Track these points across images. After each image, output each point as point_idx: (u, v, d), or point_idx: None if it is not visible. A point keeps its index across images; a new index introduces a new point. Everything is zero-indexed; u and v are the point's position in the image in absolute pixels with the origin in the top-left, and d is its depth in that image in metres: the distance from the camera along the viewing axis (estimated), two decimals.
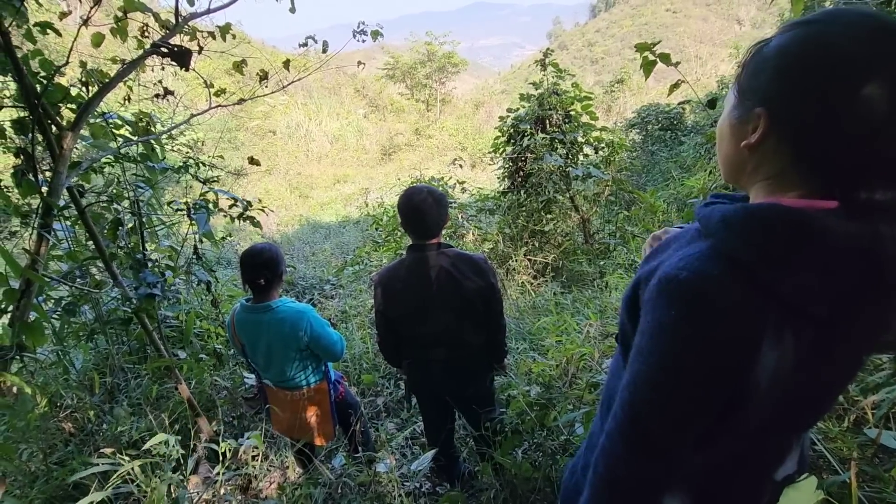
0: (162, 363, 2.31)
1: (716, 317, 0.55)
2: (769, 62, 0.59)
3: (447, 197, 1.87)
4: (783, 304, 0.55)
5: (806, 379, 0.59)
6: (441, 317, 1.84)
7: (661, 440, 0.62)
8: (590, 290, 3.90)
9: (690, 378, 0.58)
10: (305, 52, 3.50)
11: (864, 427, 1.22)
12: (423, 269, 1.81)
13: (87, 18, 2.05)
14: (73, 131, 1.97)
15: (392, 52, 26.72)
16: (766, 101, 0.59)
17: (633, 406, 0.63)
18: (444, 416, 2.13)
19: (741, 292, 0.55)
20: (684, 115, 10.20)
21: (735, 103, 0.65)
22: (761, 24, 60.81)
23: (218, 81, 2.87)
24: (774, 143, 0.59)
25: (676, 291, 0.58)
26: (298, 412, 2.15)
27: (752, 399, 0.58)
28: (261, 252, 2.00)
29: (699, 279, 0.56)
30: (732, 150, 0.66)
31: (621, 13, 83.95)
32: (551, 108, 4.93)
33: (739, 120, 0.64)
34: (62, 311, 2.50)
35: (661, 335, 0.59)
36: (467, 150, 19.97)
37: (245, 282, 2.01)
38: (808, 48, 0.55)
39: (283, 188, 17.89)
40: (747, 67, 0.63)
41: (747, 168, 0.65)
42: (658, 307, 0.60)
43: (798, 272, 0.53)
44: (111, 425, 2.36)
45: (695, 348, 0.57)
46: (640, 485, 0.65)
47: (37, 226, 1.89)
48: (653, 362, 0.61)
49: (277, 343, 2.01)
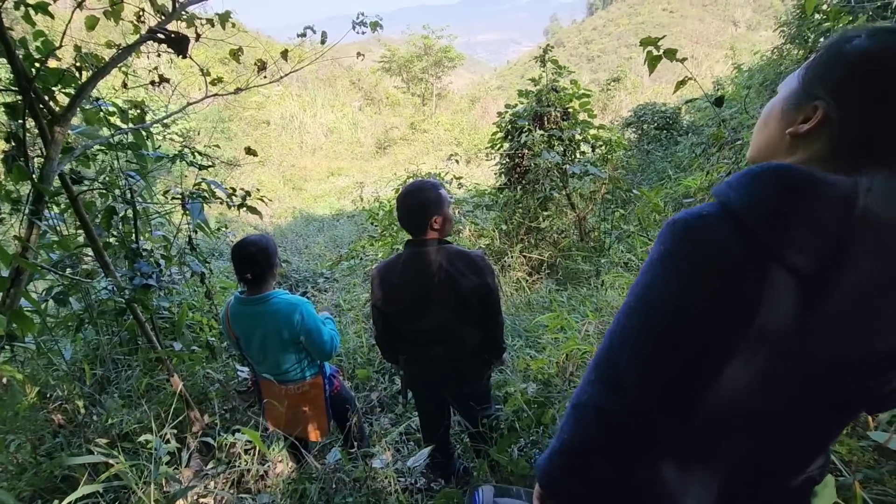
0: (156, 354, 2.27)
1: (699, 250, 0.59)
2: (852, 62, 0.59)
3: (448, 193, 1.86)
4: (770, 253, 0.57)
5: (798, 345, 0.59)
6: (438, 313, 1.82)
7: (627, 374, 0.64)
8: (585, 287, 3.91)
9: (663, 309, 0.62)
10: (301, 43, 3.46)
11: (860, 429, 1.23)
12: (420, 265, 1.79)
13: (81, 1, 2.00)
14: (65, 117, 1.93)
15: (388, 45, 26.53)
16: (836, 95, 0.60)
17: (611, 335, 0.67)
18: (441, 412, 2.12)
19: (728, 233, 0.58)
20: (680, 114, 10.23)
21: (795, 90, 0.65)
22: (756, 25, 61.11)
23: (212, 70, 2.81)
24: (821, 135, 0.61)
25: (670, 230, 0.63)
26: (293, 406, 2.12)
27: (727, 354, 0.60)
28: (252, 244, 1.97)
29: (692, 218, 0.61)
30: (776, 134, 0.67)
31: (618, 11, 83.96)
32: (550, 104, 4.91)
33: (795, 107, 0.65)
34: (52, 301, 2.45)
35: (649, 268, 0.64)
36: (462, 146, 19.90)
37: (238, 276, 1.98)
38: (893, 60, 0.56)
39: (276, 180, 17.73)
40: (821, 61, 0.63)
41: (781, 154, 0.67)
42: (655, 246, 0.64)
43: (781, 220, 0.56)
44: (102, 417, 2.33)
45: (672, 279, 0.61)
46: (598, 416, 0.66)
47: (27, 213, 1.85)
48: (634, 292, 0.65)
49: (272, 335, 1.99)
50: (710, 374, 0.62)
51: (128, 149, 2.39)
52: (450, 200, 1.87)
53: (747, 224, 0.58)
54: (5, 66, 1.80)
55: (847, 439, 1.14)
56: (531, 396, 1.94)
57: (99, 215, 2.40)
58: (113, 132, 2.29)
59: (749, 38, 47.03)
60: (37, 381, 2.40)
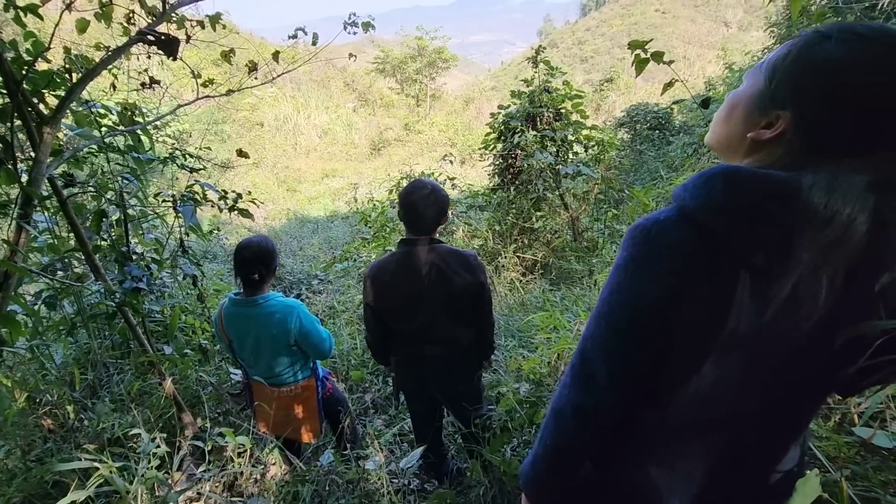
0: (147, 358, 2.26)
1: (657, 254, 0.62)
2: (820, 73, 0.58)
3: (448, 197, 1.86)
4: (724, 250, 0.58)
5: (761, 338, 0.60)
6: (430, 312, 1.83)
7: (601, 374, 0.66)
8: (578, 287, 3.92)
9: (628, 310, 0.64)
10: (294, 45, 3.48)
11: (846, 426, 1.24)
12: (413, 264, 1.80)
13: (70, 2, 1.99)
14: (54, 119, 1.91)
15: (382, 46, 26.55)
16: (800, 108, 0.60)
17: (584, 339, 0.69)
18: (432, 413, 2.12)
19: (683, 235, 0.60)
20: (672, 115, 10.30)
21: (762, 91, 0.64)
22: (748, 26, 61.57)
23: (205, 72, 2.80)
24: (781, 143, 0.62)
25: (631, 235, 0.65)
26: (285, 409, 2.12)
27: (692, 350, 0.62)
28: (257, 245, 1.97)
29: (650, 224, 0.64)
30: (737, 133, 0.68)
31: (611, 12, 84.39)
32: (542, 105, 4.92)
33: (760, 110, 0.64)
34: (42, 305, 2.44)
35: (613, 273, 0.66)
36: (457, 147, 19.92)
37: (239, 275, 1.97)
38: (864, 80, 0.55)
39: (270, 182, 17.68)
40: (791, 62, 0.61)
41: (741, 152, 0.68)
42: (620, 252, 0.67)
43: (730, 218, 0.58)
44: (93, 422, 2.31)
45: (635, 282, 0.63)
46: (576, 416, 0.69)
47: (16, 216, 1.84)
48: (602, 297, 0.67)
49: (266, 338, 1.98)
50: (684, 372, 0.64)
51: (123, 152, 2.38)
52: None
53: (701, 224, 0.60)
54: None
55: (833, 435, 1.15)
56: (523, 396, 1.95)
57: (90, 218, 2.39)
58: (104, 134, 2.27)
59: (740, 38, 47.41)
60: (27, 386, 2.38)
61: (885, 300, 0.61)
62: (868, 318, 0.61)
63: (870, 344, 0.63)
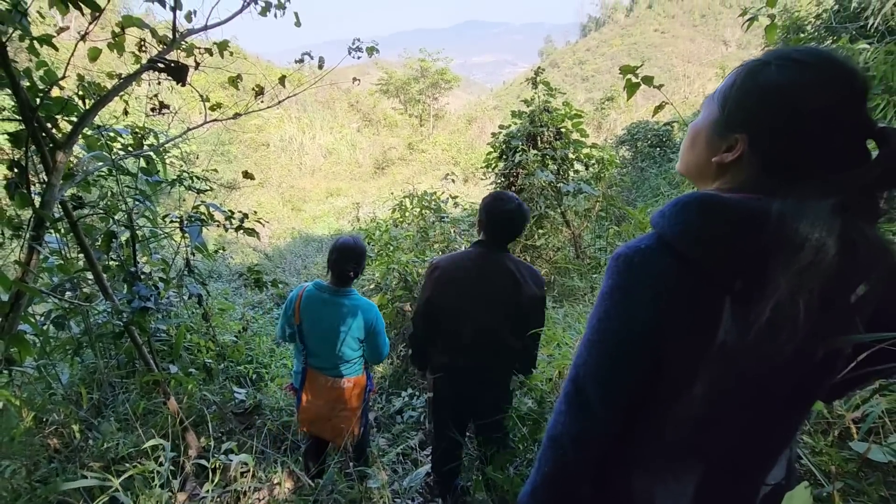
0: (153, 377, 2.28)
1: (640, 282, 0.64)
2: (766, 97, 0.63)
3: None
4: (703, 275, 0.61)
5: (744, 358, 0.63)
6: (493, 317, 1.85)
7: (594, 400, 0.68)
8: (581, 304, 3.93)
9: (616, 337, 0.66)
10: (300, 68, 3.58)
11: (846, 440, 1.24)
12: (490, 267, 1.84)
13: (85, 34, 2.07)
14: (67, 144, 1.98)
15: (386, 68, 27.02)
16: (753, 130, 0.65)
17: (576, 367, 0.70)
18: (462, 426, 2.12)
19: (664, 262, 0.63)
20: (672, 132, 10.39)
21: (717, 119, 0.69)
22: (746, 45, 62.34)
23: (212, 95, 2.89)
24: (743, 164, 0.66)
25: (613, 264, 0.68)
26: (333, 403, 2.18)
27: (681, 373, 0.64)
28: (355, 244, 2.12)
29: (631, 252, 0.66)
30: (703, 160, 0.72)
31: (611, 32, 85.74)
32: (542, 125, 5.00)
33: (719, 136, 0.69)
34: (51, 325, 2.47)
35: (599, 301, 0.69)
36: (460, 165, 20.12)
37: (335, 269, 2.12)
38: (803, 99, 0.61)
39: (275, 201, 17.87)
40: (739, 90, 0.67)
41: (709, 176, 0.72)
42: (604, 280, 0.69)
43: (707, 244, 0.61)
44: (97, 441, 2.32)
45: (620, 310, 0.66)
46: (573, 443, 0.70)
47: (28, 238, 1.89)
48: (591, 325, 0.69)
49: (341, 328, 2.09)
50: (675, 393, 0.66)
51: (133, 174, 2.45)
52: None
53: (680, 251, 0.63)
54: (9, 94, 1.86)
55: (828, 448, 1.16)
56: (525, 413, 1.95)
57: (99, 238, 2.44)
58: (116, 157, 2.34)
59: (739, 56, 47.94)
60: (34, 406, 2.40)
61: (861, 312, 0.64)
62: (846, 332, 0.63)
63: (850, 355, 0.65)
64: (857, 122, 0.61)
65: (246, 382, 3.35)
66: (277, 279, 3.40)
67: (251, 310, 6.08)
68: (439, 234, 4.93)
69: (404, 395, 3.30)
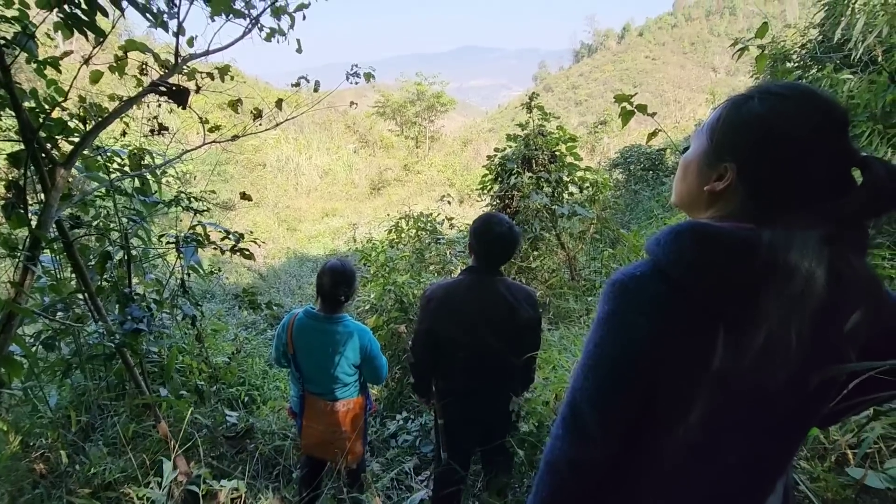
0: (144, 400, 2.25)
1: (635, 308, 0.65)
2: (750, 127, 0.67)
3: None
4: (697, 303, 0.63)
5: (739, 386, 0.64)
6: (492, 342, 1.84)
7: (592, 424, 0.68)
8: (576, 326, 3.92)
9: (613, 363, 0.67)
10: (297, 91, 3.64)
11: (845, 466, 1.24)
12: (483, 292, 1.84)
13: (88, 58, 2.10)
14: (66, 166, 1.99)
15: (383, 91, 27.41)
16: (739, 159, 0.67)
17: (572, 391, 0.71)
18: (472, 448, 2.11)
19: (659, 289, 0.64)
20: (665, 156, 10.57)
21: (707, 150, 0.73)
22: (735, 72, 63.94)
23: (210, 116, 2.92)
24: (733, 192, 0.68)
25: (610, 290, 0.69)
26: (335, 426, 2.15)
27: (677, 399, 0.65)
28: (343, 268, 2.10)
29: (627, 279, 0.68)
30: (695, 190, 0.75)
31: (603, 59, 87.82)
32: (537, 148, 5.08)
33: (709, 166, 0.72)
34: (41, 345, 2.43)
35: (596, 327, 0.70)
36: (455, 186, 20.28)
37: (325, 295, 2.09)
38: (785, 128, 0.64)
39: (271, 221, 17.87)
40: (724, 122, 0.70)
41: (701, 206, 0.74)
42: (599, 306, 0.70)
43: (698, 268, 0.63)
44: (84, 466, 2.27)
45: (616, 335, 0.67)
46: (571, 468, 0.71)
47: (23, 258, 1.88)
48: (587, 351, 0.70)
49: (335, 354, 2.07)
50: (671, 418, 0.67)
51: (129, 195, 2.45)
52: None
53: (674, 278, 0.64)
54: (10, 115, 1.88)
55: (825, 474, 1.15)
56: (523, 436, 1.93)
57: (93, 259, 2.43)
58: (113, 178, 2.34)
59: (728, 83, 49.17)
60: (20, 430, 2.35)
61: (853, 341, 0.65)
62: (838, 361, 0.65)
63: (843, 383, 0.66)
64: (838, 150, 0.63)
65: (238, 405, 3.30)
66: (272, 301, 3.38)
67: (244, 330, 6.01)
68: (435, 256, 4.94)
69: (399, 418, 3.25)
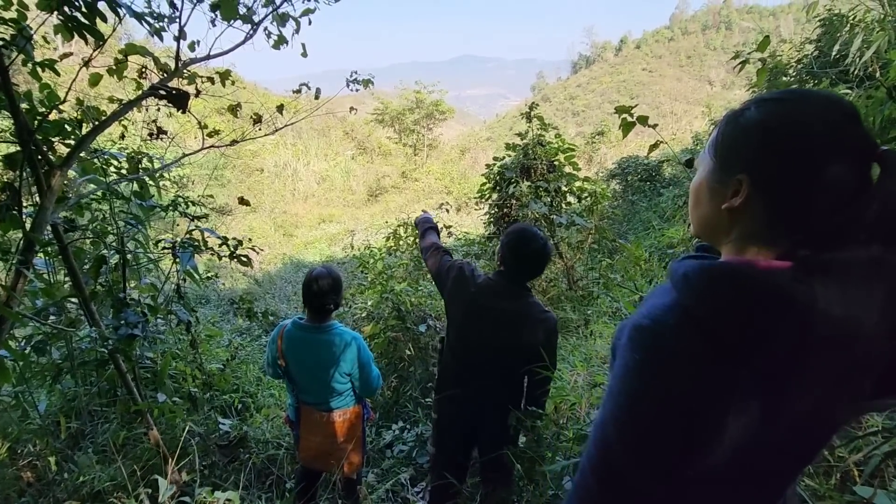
0: (137, 407, 2.21)
1: (670, 363, 0.61)
2: (751, 134, 0.65)
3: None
4: (732, 355, 0.59)
5: (766, 432, 0.62)
6: (500, 348, 1.81)
7: (631, 478, 0.65)
8: (574, 337, 3.91)
9: (652, 418, 0.63)
10: (297, 97, 3.66)
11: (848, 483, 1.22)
12: (504, 299, 1.79)
13: (87, 61, 2.09)
14: (63, 168, 1.96)
15: (382, 99, 27.49)
16: (749, 168, 0.65)
17: (606, 444, 0.67)
18: (464, 466, 2.07)
19: (694, 342, 0.60)
20: (662, 167, 10.63)
21: (713, 167, 0.70)
22: (731, 85, 64.68)
23: (209, 120, 2.92)
24: (753, 206, 0.65)
25: (640, 338, 0.64)
26: (332, 436, 2.12)
27: (710, 443, 0.62)
28: (329, 276, 2.06)
29: (658, 327, 0.63)
30: (711, 212, 0.71)
31: (601, 70, 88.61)
32: (536, 157, 5.09)
33: (719, 183, 0.69)
34: (31, 350, 2.39)
35: (628, 377, 0.65)
36: (453, 194, 20.30)
37: (311, 305, 2.05)
38: (788, 126, 0.62)
39: (267, 226, 17.82)
40: (725, 136, 0.69)
41: (723, 228, 0.70)
42: (626, 351, 0.65)
43: (740, 326, 0.59)
44: (73, 475, 2.22)
45: (654, 390, 0.62)
46: None
47: (16, 261, 1.85)
48: (621, 403, 0.65)
49: (326, 364, 2.03)
50: (703, 458, 0.64)
51: (127, 199, 2.42)
52: None
53: (711, 330, 0.60)
54: (6, 116, 1.85)
55: (830, 492, 1.14)
56: (521, 450, 1.90)
57: (88, 262, 2.39)
58: (110, 181, 2.32)
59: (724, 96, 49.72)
60: (8, 436, 2.30)
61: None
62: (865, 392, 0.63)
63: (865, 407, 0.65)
64: (855, 140, 0.60)
65: (231, 412, 3.25)
66: (269, 309, 3.35)
67: (239, 336, 5.96)
68: None
69: (395, 427, 3.21)
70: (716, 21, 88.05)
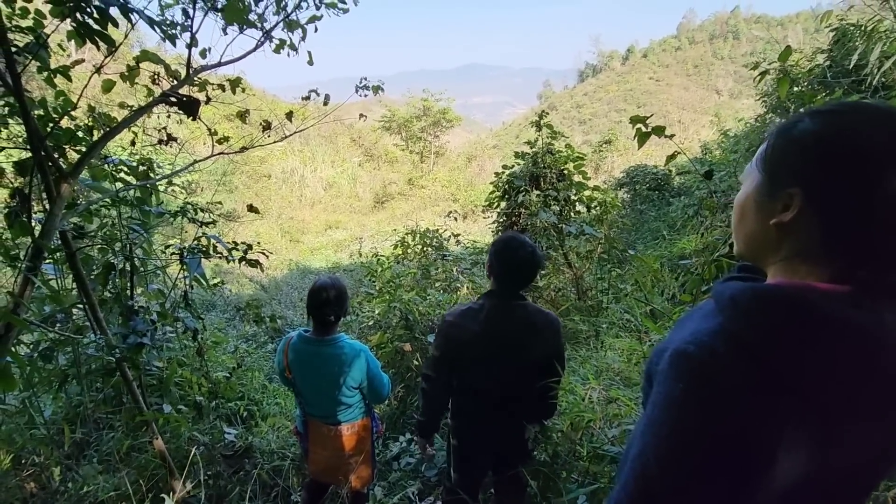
0: (143, 417, 2.18)
1: (719, 395, 0.56)
2: (806, 146, 0.61)
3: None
4: (787, 385, 0.55)
5: (818, 467, 0.57)
6: (512, 370, 1.77)
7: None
8: (585, 348, 3.84)
9: (698, 453, 0.58)
10: (306, 104, 3.65)
11: None
12: (501, 320, 1.75)
13: (99, 67, 2.08)
14: (73, 175, 1.95)
15: (389, 106, 27.64)
16: (803, 182, 0.60)
17: (645, 478, 0.62)
18: (483, 476, 2.04)
19: (745, 372, 0.56)
20: (671, 176, 10.56)
21: (762, 181, 0.66)
22: (738, 94, 64.54)
23: (217, 126, 2.90)
24: (805, 222, 0.61)
25: (684, 366, 0.59)
26: (340, 450, 2.08)
27: (760, 480, 0.57)
28: (333, 287, 2.02)
29: (706, 355, 0.58)
30: (759, 227, 0.67)
31: (608, 79, 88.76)
32: (545, 166, 5.07)
33: (768, 198, 0.65)
34: (37, 357, 2.37)
35: (670, 408, 0.60)
36: (459, 202, 20.30)
37: (315, 316, 2.02)
38: (846, 138, 0.58)
39: (274, 232, 17.88)
40: (776, 148, 0.65)
41: (771, 246, 0.66)
42: (668, 379, 0.61)
43: (798, 356, 0.54)
44: (77, 484, 2.19)
45: (701, 423, 0.58)
46: None
47: (24, 268, 1.83)
48: (663, 435, 0.61)
49: (333, 377, 2.00)
50: (746, 495, 0.60)
51: (133, 205, 2.41)
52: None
53: (764, 359, 0.56)
54: (18, 122, 1.85)
55: None
56: (538, 467, 1.85)
57: (96, 269, 2.38)
58: (118, 188, 2.31)
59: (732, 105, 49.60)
60: (13, 444, 2.27)
61: None
62: None
63: None
64: None
65: (236, 420, 3.22)
66: (276, 314, 3.32)
67: (245, 342, 5.94)
68: (441, 273, 4.89)
69: (402, 439, 3.16)
70: (723, 30, 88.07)
